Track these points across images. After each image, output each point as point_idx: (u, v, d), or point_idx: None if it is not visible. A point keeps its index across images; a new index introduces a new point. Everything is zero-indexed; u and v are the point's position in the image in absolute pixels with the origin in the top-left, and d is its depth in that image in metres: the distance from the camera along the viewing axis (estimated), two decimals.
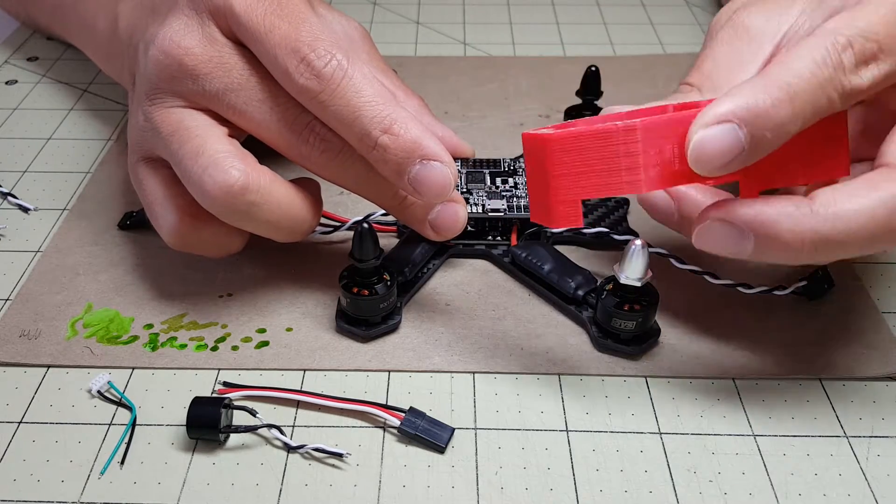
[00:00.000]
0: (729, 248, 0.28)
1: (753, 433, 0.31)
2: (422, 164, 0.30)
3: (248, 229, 0.33)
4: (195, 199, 0.32)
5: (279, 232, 0.34)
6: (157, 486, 0.29)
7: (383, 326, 0.35)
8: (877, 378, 0.33)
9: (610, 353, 0.34)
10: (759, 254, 0.27)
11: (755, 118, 0.26)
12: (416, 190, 0.31)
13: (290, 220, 0.33)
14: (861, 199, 0.27)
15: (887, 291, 0.37)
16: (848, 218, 0.26)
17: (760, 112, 0.26)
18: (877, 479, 0.30)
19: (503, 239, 0.39)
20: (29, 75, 0.54)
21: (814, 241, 0.27)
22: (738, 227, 0.27)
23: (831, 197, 0.27)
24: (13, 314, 0.36)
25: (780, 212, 0.27)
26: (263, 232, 0.33)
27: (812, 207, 0.27)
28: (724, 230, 0.27)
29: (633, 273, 0.32)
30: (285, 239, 0.34)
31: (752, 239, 0.27)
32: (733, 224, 0.27)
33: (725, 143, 0.26)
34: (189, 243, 0.34)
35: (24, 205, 0.42)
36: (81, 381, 0.33)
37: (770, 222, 0.27)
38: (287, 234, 0.34)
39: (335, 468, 0.30)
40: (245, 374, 0.33)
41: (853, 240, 0.27)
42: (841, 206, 0.26)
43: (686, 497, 0.29)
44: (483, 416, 0.32)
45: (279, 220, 0.33)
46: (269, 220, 0.32)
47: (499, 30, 0.61)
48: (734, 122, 0.26)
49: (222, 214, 0.32)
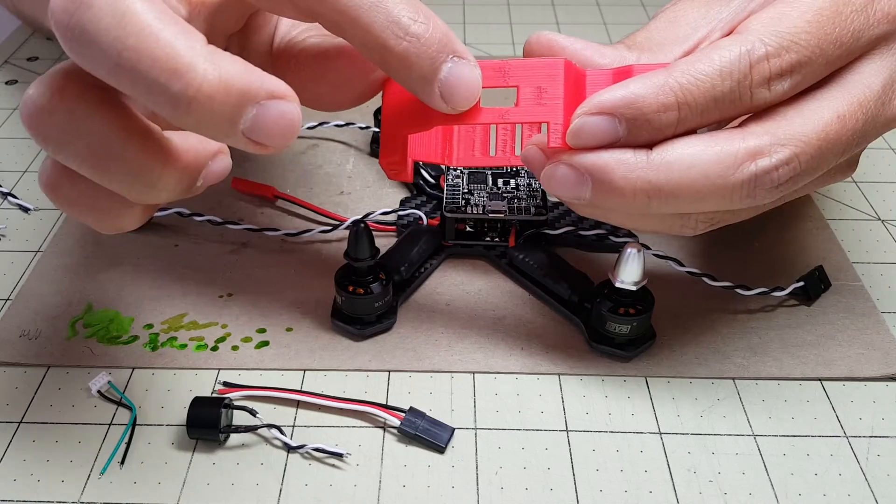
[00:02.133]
0: (569, 191, 0.28)
1: (753, 433, 0.31)
2: (454, 62, 0.26)
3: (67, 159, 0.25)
4: None
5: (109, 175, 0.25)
6: (157, 486, 0.29)
7: (378, 325, 0.35)
8: (877, 378, 0.33)
9: (604, 357, 0.34)
10: (598, 200, 0.27)
11: (636, 116, 0.26)
12: (444, 95, 0.26)
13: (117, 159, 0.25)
14: (695, 152, 0.27)
15: (887, 291, 0.37)
16: (680, 169, 0.27)
17: (643, 114, 0.26)
18: (877, 479, 0.30)
19: (501, 240, 0.39)
20: (29, 75, 0.54)
21: (646, 190, 0.27)
22: (577, 171, 0.27)
23: (669, 146, 0.27)
24: (13, 314, 0.36)
25: (616, 158, 0.27)
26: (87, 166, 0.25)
27: (649, 156, 0.27)
28: (565, 173, 0.27)
29: (627, 277, 0.32)
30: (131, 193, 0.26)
31: (589, 184, 0.27)
32: (573, 167, 0.27)
33: (601, 132, 0.27)
34: (61, 196, 0.27)
35: (24, 205, 0.42)
36: (81, 381, 0.33)
37: (606, 168, 0.27)
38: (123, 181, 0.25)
39: (335, 468, 0.30)
40: (245, 374, 0.33)
41: (685, 192, 0.27)
42: (675, 154, 0.27)
43: (686, 497, 0.29)
44: (483, 416, 0.32)
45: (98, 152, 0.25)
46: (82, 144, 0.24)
47: (499, 30, 0.61)
48: (614, 116, 0.26)
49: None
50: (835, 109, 0.28)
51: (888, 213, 0.42)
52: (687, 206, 0.27)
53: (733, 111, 0.27)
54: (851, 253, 0.39)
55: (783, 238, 0.40)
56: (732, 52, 0.27)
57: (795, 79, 0.27)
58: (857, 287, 0.37)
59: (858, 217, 0.42)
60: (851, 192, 0.44)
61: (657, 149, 0.27)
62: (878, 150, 0.47)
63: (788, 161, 0.27)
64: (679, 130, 0.27)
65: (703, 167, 0.27)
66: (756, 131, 0.27)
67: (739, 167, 0.27)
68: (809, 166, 0.27)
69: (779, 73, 0.27)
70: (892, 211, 0.42)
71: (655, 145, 0.27)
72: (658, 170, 0.27)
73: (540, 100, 0.27)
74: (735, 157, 0.27)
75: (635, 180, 0.27)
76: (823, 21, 0.27)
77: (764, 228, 0.40)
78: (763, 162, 0.27)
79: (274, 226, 0.40)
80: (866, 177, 0.45)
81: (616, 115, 0.27)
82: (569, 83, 0.27)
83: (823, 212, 0.42)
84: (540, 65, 0.27)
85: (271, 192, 0.42)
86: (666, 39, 0.31)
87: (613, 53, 0.30)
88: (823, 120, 0.27)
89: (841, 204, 0.43)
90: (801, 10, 0.27)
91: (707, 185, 0.27)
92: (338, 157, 0.46)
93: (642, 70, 0.28)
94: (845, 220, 0.42)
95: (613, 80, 0.28)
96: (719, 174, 0.27)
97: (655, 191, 0.27)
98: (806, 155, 0.27)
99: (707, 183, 0.27)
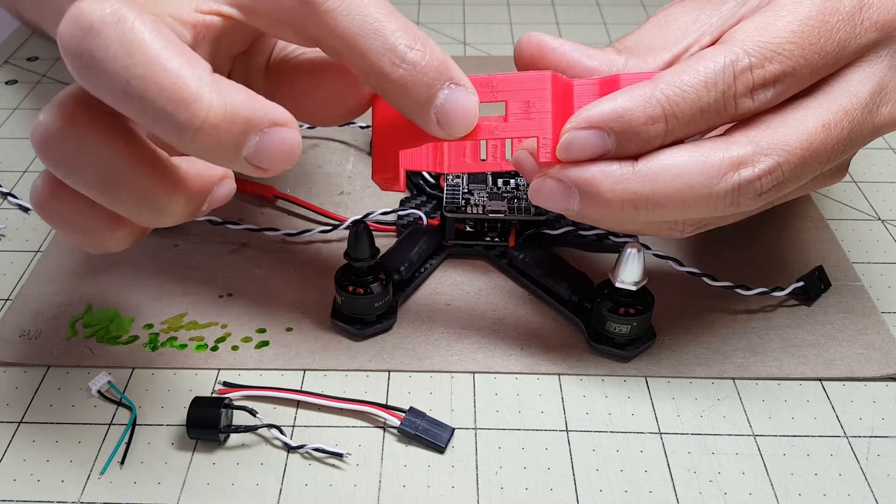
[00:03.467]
0: (557, 203, 0.28)
1: (753, 433, 0.31)
2: (450, 89, 0.26)
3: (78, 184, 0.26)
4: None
5: (119, 201, 0.26)
6: (157, 486, 0.29)
7: (378, 326, 0.35)
8: (877, 378, 0.33)
9: (604, 357, 0.34)
10: (586, 211, 0.28)
11: (624, 130, 0.27)
12: (440, 121, 0.26)
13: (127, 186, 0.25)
14: (679, 163, 0.27)
15: (887, 291, 0.37)
16: (665, 180, 0.27)
17: (631, 127, 0.27)
18: (877, 479, 0.30)
19: (501, 240, 0.39)
20: (29, 75, 0.54)
21: (632, 200, 0.27)
22: (565, 184, 0.28)
23: (654, 157, 0.27)
24: (13, 314, 0.36)
25: (602, 171, 0.27)
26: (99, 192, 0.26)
27: (634, 167, 0.27)
28: (552, 186, 0.28)
29: (627, 277, 0.32)
30: (139, 217, 0.27)
31: (576, 196, 0.27)
32: (561, 181, 0.28)
33: (591, 146, 0.27)
34: (50, 213, 0.27)
35: (24, 205, 0.42)
36: (81, 381, 0.33)
37: (593, 180, 0.27)
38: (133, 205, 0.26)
39: (335, 468, 0.30)
40: (245, 374, 0.33)
41: (670, 202, 0.27)
42: (660, 164, 0.27)
43: (686, 497, 0.29)
44: (483, 416, 0.32)
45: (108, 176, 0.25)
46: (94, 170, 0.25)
47: (499, 30, 0.61)
48: (603, 130, 0.27)
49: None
50: (820, 118, 0.28)
51: (888, 213, 0.42)
52: (672, 214, 0.28)
53: (718, 120, 0.27)
54: (851, 253, 0.39)
55: (783, 238, 0.40)
56: (717, 63, 0.27)
57: (779, 88, 0.27)
58: (857, 287, 0.37)
59: (858, 217, 0.42)
60: (851, 192, 0.44)
61: (642, 160, 0.27)
62: (878, 150, 0.47)
63: (771, 171, 0.27)
64: (667, 141, 0.27)
65: (688, 177, 0.27)
66: (739, 140, 0.27)
67: (723, 177, 0.27)
68: (793, 175, 0.27)
69: (762, 84, 0.27)
70: (892, 211, 0.42)
71: (641, 156, 0.27)
72: (644, 181, 0.27)
73: (528, 114, 0.27)
74: (718, 168, 0.27)
75: (622, 192, 0.27)
76: (808, 31, 0.27)
77: (764, 228, 0.40)
78: (746, 172, 0.27)
79: (274, 226, 0.40)
80: (866, 177, 0.45)
81: (605, 129, 0.27)
82: (556, 96, 0.28)
83: (823, 212, 0.42)
84: (527, 79, 0.27)
85: (271, 192, 0.42)
86: (655, 43, 0.31)
87: (602, 56, 0.30)
88: (808, 129, 0.27)
89: (841, 204, 0.43)
90: (787, 20, 0.27)
91: (691, 195, 0.27)
92: (338, 157, 0.46)
93: (629, 80, 0.28)
94: (845, 220, 0.42)
95: (600, 92, 0.28)
96: (703, 184, 0.27)
97: (642, 201, 0.27)
98: (789, 164, 0.27)
99: (691, 193, 0.27)
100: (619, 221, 0.29)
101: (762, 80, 0.27)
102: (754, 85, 0.27)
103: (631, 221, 0.29)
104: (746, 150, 0.27)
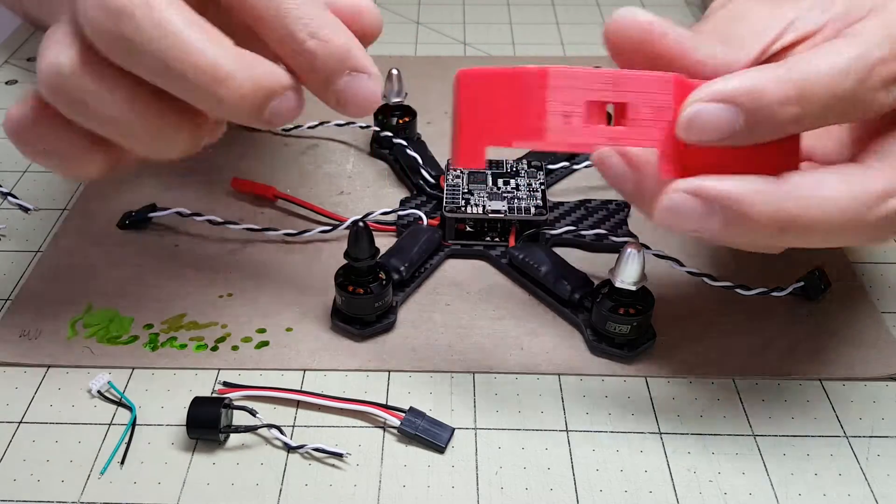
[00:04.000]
0: (693, 223, 0.25)
1: (753, 433, 0.31)
2: (350, 76, 0.27)
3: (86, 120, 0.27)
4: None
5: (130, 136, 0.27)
6: (157, 486, 0.29)
7: (378, 325, 0.35)
8: (877, 378, 0.33)
9: (604, 357, 0.34)
10: (727, 232, 0.25)
11: (756, 108, 0.24)
12: (340, 102, 0.27)
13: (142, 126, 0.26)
14: (831, 184, 0.25)
15: (887, 291, 0.37)
16: (818, 202, 0.25)
17: (764, 105, 0.24)
18: (877, 479, 0.30)
19: (501, 240, 0.39)
20: (29, 75, 0.54)
21: (782, 222, 0.25)
22: (706, 202, 0.25)
23: (801, 180, 0.25)
24: (13, 314, 0.36)
25: (754, 188, 0.25)
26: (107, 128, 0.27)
27: (780, 185, 0.25)
28: (690, 204, 0.25)
29: (627, 277, 0.32)
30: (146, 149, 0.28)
31: (720, 215, 0.25)
32: (701, 197, 0.25)
33: (718, 122, 0.25)
34: (29, 139, 0.28)
35: (24, 205, 0.42)
36: (81, 381, 0.33)
37: (743, 198, 0.25)
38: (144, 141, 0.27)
39: (335, 468, 0.30)
40: (245, 374, 0.33)
41: (820, 226, 0.25)
42: (811, 191, 0.25)
43: (686, 497, 0.29)
44: (483, 416, 0.32)
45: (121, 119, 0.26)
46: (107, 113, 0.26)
47: (499, 30, 0.61)
48: (734, 105, 0.24)
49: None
50: None
51: None
52: (818, 240, 0.26)
53: (852, 114, 0.26)
54: (851, 253, 0.39)
55: None
56: (851, 51, 0.25)
57: None
58: (857, 287, 0.37)
59: None
60: None
61: (786, 177, 0.25)
62: None
63: None
64: (798, 130, 0.25)
65: (841, 202, 0.25)
66: (883, 168, 0.26)
67: (877, 205, 0.25)
68: None
69: (894, 79, 0.25)
70: None
71: (780, 174, 0.25)
72: (797, 200, 0.25)
73: (651, 121, 0.25)
74: (870, 195, 0.25)
75: (774, 213, 0.25)
76: None
77: None
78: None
79: (274, 226, 0.40)
80: None
81: (736, 104, 0.24)
82: (678, 103, 0.25)
83: None
84: (651, 81, 0.26)
85: (271, 192, 0.42)
86: (734, 35, 0.28)
87: (706, 51, 0.28)
88: None
89: None
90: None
91: (842, 221, 0.25)
92: (338, 157, 0.46)
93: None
94: None
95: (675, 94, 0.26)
96: (855, 210, 0.25)
97: (791, 223, 0.25)
98: None
99: (843, 219, 0.25)
100: (756, 244, 0.27)
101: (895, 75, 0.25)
102: (889, 78, 0.25)
103: (767, 245, 0.26)
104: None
